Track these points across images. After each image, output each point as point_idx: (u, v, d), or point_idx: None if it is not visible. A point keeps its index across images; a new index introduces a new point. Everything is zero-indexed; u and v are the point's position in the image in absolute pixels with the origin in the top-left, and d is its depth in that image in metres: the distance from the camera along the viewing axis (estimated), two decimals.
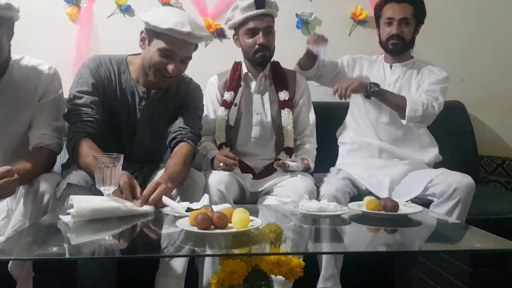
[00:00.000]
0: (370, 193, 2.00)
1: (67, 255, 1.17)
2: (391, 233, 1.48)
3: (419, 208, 1.56)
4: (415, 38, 2.22)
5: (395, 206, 1.50)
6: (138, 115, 1.83)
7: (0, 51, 1.59)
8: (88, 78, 1.76)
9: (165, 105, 1.87)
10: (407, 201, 1.66)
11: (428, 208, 1.86)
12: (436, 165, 2.21)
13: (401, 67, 2.23)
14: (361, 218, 1.52)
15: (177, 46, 1.70)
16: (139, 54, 1.82)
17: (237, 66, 2.18)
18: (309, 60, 2.19)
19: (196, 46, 1.78)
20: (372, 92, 2.09)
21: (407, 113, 2.05)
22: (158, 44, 1.70)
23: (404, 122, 2.09)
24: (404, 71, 2.22)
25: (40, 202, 1.54)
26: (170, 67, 1.71)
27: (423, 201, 1.86)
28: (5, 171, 1.44)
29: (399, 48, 2.19)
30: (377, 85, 2.10)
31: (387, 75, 2.23)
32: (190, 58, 1.78)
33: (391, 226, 1.50)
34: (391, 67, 2.24)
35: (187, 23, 1.68)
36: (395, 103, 2.10)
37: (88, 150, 1.62)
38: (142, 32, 1.76)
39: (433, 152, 2.22)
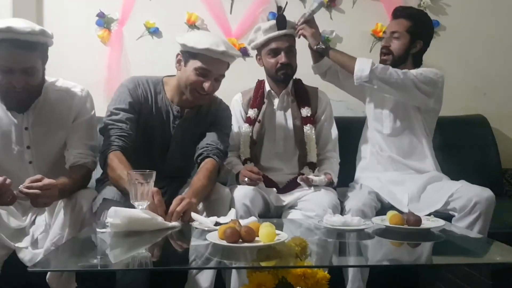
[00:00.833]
0: (392, 207, 2.00)
1: (105, 267, 1.23)
2: (414, 247, 1.50)
3: (441, 222, 1.58)
4: (412, 54, 2.15)
5: (418, 220, 1.52)
6: (172, 133, 1.91)
7: (35, 74, 1.67)
8: (126, 97, 1.84)
9: (197, 123, 1.94)
10: (428, 215, 1.67)
11: (449, 221, 1.85)
12: (455, 176, 2.15)
13: None
14: (385, 232, 1.54)
15: (212, 65, 1.78)
16: (174, 75, 1.90)
17: (260, 84, 2.23)
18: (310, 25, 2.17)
19: (228, 65, 1.85)
20: (318, 49, 2.12)
21: (355, 73, 2.05)
22: (194, 64, 1.79)
23: (355, 82, 2.09)
24: None
25: (78, 216, 1.61)
26: (206, 84, 1.79)
27: (443, 215, 1.85)
28: (49, 184, 1.53)
29: (388, 62, 2.16)
30: (325, 43, 2.13)
31: None
32: (223, 76, 1.85)
33: (414, 240, 1.51)
34: None
35: (221, 43, 1.77)
36: (342, 61, 2.12)
37: (117, 164, 1.68)
38: (178, 54, 1.85)
39: (432, 161, 2.19)
